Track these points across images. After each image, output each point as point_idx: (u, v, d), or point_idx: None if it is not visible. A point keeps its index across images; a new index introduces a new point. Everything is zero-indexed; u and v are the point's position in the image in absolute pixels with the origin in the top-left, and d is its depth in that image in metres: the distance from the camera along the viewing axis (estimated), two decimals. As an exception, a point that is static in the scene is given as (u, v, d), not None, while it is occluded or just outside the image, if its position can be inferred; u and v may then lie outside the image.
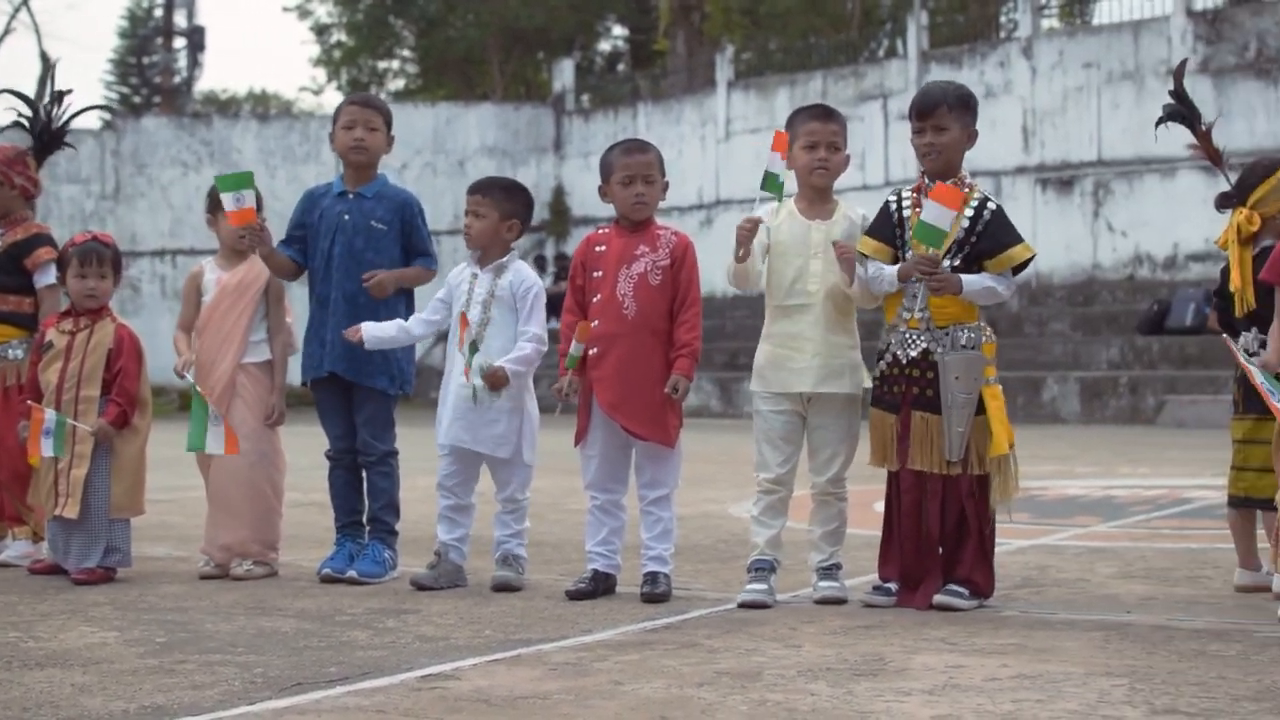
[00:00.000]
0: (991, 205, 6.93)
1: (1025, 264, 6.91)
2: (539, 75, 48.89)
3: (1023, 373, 24.92)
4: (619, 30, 54.68)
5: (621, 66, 52.61)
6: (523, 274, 7.65)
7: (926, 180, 6.99)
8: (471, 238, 7.66)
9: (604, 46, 55.31)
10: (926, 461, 6.82)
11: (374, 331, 7.61)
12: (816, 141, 7.19)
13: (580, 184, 37.62)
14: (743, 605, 6.95)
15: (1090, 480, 13.77)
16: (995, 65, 31.67)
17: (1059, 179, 30.45)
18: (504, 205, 7.64)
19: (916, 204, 6.93)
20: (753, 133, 34.00)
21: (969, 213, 6.88)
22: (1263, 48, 28.75)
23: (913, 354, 6.91)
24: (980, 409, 6.79)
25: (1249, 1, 30.92)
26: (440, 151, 38.40)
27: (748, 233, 6.95)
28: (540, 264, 36.97)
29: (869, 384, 7.17)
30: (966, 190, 6.92)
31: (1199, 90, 27.89)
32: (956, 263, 6.84)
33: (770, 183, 6.93)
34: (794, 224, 7.22)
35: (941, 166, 6.96)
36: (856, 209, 7.28)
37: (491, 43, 47.04)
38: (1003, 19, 40.63)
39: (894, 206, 7.03)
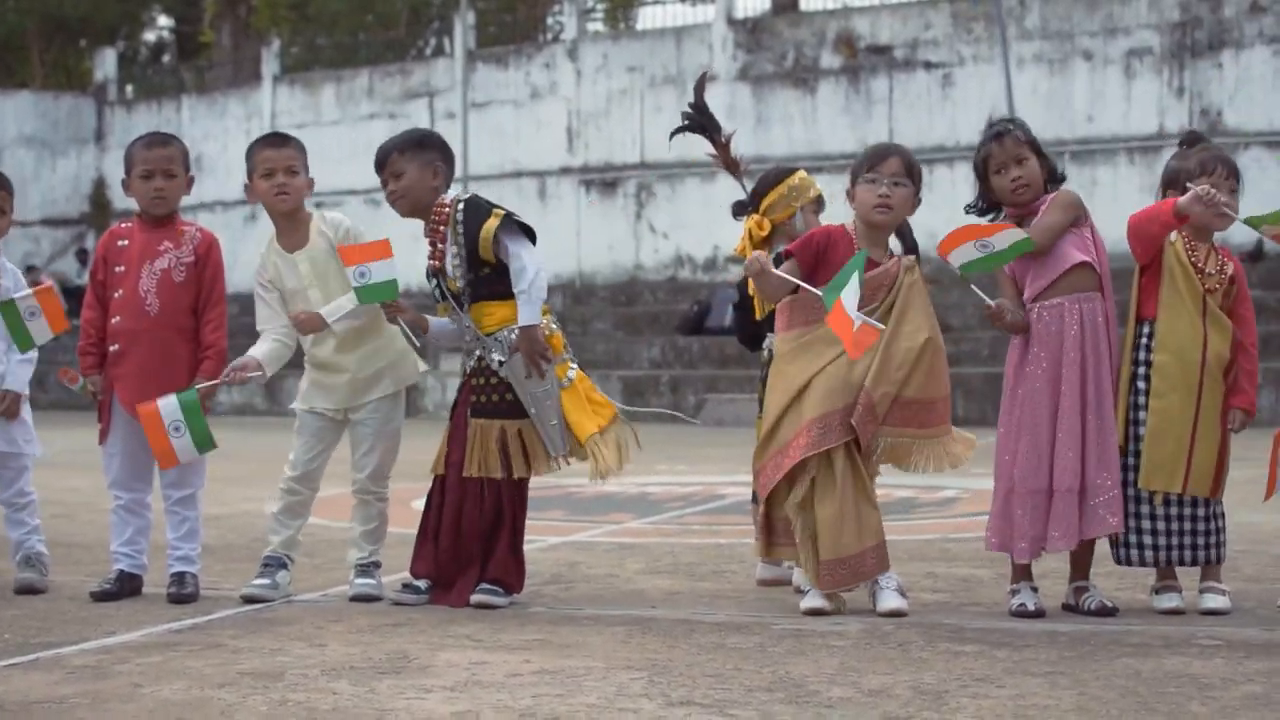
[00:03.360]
0: (461, 205, 6.93)
1: (524, 228, 6.92)
2: (81, 64, 47.56)
3: (566, 371, 25.19)
4: (164, 20, 53.56)
5: (167, 58, 51.59)
6: (18, 276, 7.46)
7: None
8: None
9: (149, 36, 54.16)
10: (480, 467, 6.85)
11: None
12: (273, 169, 7.17)
13: (121, 176, 36.71)
14: (244, 598, 6.99)
15: (628, 478, 13.90)
16: (541, 66, 31.98)
17: (603, 180, 30.90)
18: (8, 201, 7.45)
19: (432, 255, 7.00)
20: (298, 128, 33.52)
21: (454, 227, 6.90)
22: (800, 57, 29.63)
23: (471, 364, 6.98)
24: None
25: (787, 12, 31.82)
26: (-25, 140, 37.16)
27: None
28: (81, 257, 36.03)
29: (424, 367, 7.29)
30: (448, 210, 6.94)
31: (739, 97, 28.75)
32: (467, 274, 6.88)
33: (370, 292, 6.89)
34: (283, 261, 7.22)
35: (409, 209, 6.98)
36: (326, 215, 7.29)
37: (32, 30, 45.61)
38: (549, 21, 40.99)
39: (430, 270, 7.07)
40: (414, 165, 6.96)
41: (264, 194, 7.20)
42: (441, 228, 6.90)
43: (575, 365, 7.01)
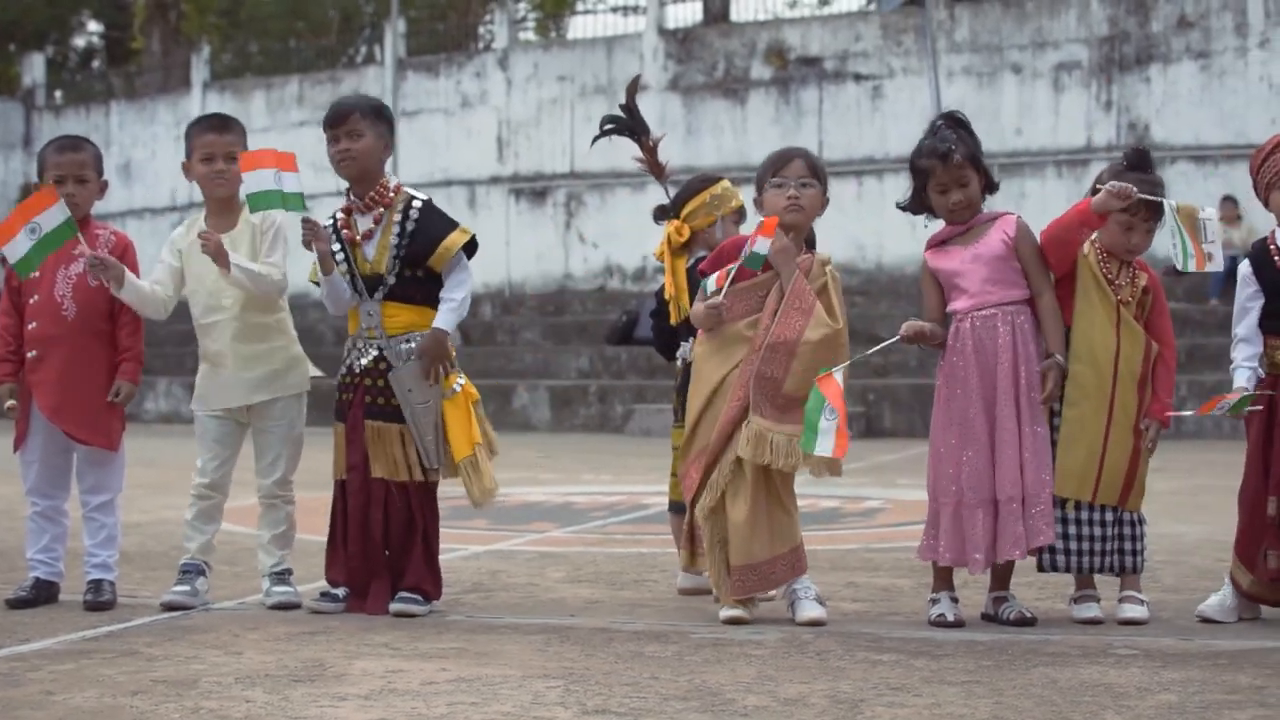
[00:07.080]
0: (418, 203, 6.93)
1: (472, 247, 6.94)
2: (9, 69, 47.20)
3: (494, 381, 25.10)
4: (94, 26, 53.25)
5: (96, 63, 51.28)
6: None
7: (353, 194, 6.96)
8: None
9: (78, 42, 53.83)
10: (384, 469, 6.83)
11: None
12: (213, 154, 7.12)
13: (34, 181, 36.47)
14: (164, 606, 6.93)
15: (553, 487, 13.95)
16: (472, 75, 31.92)
17: (532, 190, 30.86)
18: None
19: (344, 224, 6.94)
20: (228, 135, 33.45)
21: (398, 218, 6.88)
22: (730, 68, 29.68)
23: (364, 362, 6.92)
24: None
25: (718, 23, 31.87)
26: (-100, 144, 36.88)
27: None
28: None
29: (315, 372, 7.21)
30: (392, 195, 6.92)
31: (670, 107, 28.75)
32: (398, 270, 6.85)
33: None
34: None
35: (357, 173, 6.93)
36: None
37: (-40, 34, 45.35)
38: (481, 30, 40.95)
39: (333, 227, 7.00)
40: (373, 133, 6.92)
41: (201, 178, 7.15)
42: (380, 210, 6.86)
43: (463, 378, 6.97)
